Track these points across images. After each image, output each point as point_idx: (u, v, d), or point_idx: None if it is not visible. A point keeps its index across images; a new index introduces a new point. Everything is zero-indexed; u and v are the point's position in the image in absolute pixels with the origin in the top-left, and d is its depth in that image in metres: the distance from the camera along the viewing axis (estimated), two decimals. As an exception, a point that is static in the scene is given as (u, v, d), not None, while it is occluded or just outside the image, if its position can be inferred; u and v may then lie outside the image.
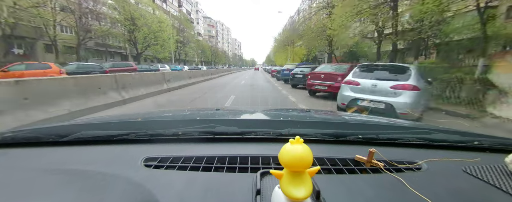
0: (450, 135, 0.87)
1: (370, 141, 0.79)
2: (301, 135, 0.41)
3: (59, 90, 4.44)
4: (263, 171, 0.52)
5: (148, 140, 0.78)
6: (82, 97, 4.89)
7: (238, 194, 0.48)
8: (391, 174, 0.58)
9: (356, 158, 0.65)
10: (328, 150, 0.73)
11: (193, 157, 0.65)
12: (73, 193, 0.47)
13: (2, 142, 0.76)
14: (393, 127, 1.02)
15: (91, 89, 5.23)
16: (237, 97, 7.47)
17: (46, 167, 0.61)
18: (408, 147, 0.77)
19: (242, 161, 0.64)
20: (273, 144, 0.76)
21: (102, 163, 0.63)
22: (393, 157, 0.66)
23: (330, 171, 0.60)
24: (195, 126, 0.83)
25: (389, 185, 0.54)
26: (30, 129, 0.82)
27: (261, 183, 0.48)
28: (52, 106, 4.13)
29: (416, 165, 0.64)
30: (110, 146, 0.75)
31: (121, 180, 0.53)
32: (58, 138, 0.76)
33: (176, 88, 9.68)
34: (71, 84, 4.74)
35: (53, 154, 0.70)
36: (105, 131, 0.81)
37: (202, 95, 8.17)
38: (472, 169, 0.61)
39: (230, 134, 0.80)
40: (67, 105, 4.41)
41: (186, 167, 0.60)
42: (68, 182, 0.52)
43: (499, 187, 0.52)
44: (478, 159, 0.68)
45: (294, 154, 0.36)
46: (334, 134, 0.81)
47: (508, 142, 0.80)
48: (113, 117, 1.15)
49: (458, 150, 0.76)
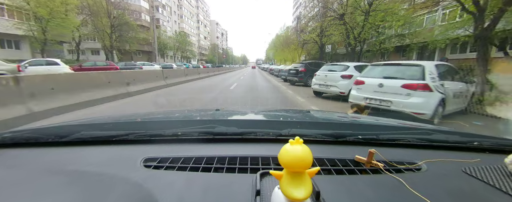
0: (450, 136, 0.87)
1: (370, 141, 0.79)
2: (301, 136, 0.41)
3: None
4: (262, 171, 0.52)
5: (148, 141, 0.78)
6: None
7: (238, 195, 0.48)
8: (391, 174, 0.58)
9: (356, 159, 0.65)
10: (328, 151, 0.73)
11: (193, 157, 0.65)
12: (73, 193, 0.47)
13: (1, 142, 0.75)
14: (393, 127, 1.02)
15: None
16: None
17: (46, 168, 0.61)
18: (408, 148, 0.77)
19: (241, 161, 0.64)
20: (272, 144, 0.76)
21: (101, 164, 0.63)
22: (393, 158, 0.66)
23: (330, 172, 0.60)
24: (195, 126, 0.83)
25: (389, 185, 0.54)
26: (29, 129, 0.82)
27: (260, 183, 0.48)
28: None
29: (416, 166, 0.64)
30: (110, 146, 0.75)
31: (121, 180, 0.53)
32: (58, 138, 0.76)
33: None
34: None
35: (52, 154, 0.70)
36: (105, 131, 0.81)
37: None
38: (472, 169, 0.61)
39: (230, 134, 0.80)
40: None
41: (185, 168, 0.60)
42: (68, 182, 0.52)
43: (499, 187, 0.52)
44: (478, 159, 0.68)
45: (294, 155, 0.36)
46: (333, 135, 0.81)
47: (508, 142, 0.80)
48: (113, 117, 1.15)
49: (458, 150, 0.77)
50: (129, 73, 8.08)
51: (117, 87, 6.91)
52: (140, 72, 9.91)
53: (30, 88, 4.33)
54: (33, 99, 4.31)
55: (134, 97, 7.05)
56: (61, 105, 4.79)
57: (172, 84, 10.72)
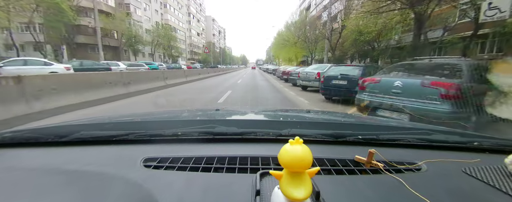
0: (450, 136, 0.87)
1: (370, 141, 0.79)
2: (300, 136, 0.41)
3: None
4: (262, 171, 0.52)
5: (148, 140, 0.78)
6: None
7: (238, 195, 0.48)
8: (390, 174, 0.58)
9: (355, 159, 0.65)
10: (327, 151, 0.73)
11: (193, 157, 0.65)
12: (72, 193, 0.47)
13: (1, 142, 0.75)
14: (393, 127, 1.02)
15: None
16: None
17: (46, 167, 0.61)
18: (408, 148, 0.77)
19: (241, 161, 0.64)
20: (272, 144, 0.76)
21: (101, 163, 0.63)
22: (393, 158, 0.66)
23: (330, 172, 0.60)
24: (195, 126, 0.83)
25: (388, 185, 0.54)
26: (29, 129, 0.82)
27: (260, 183, 0.48)
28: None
29: (416, 166, 0.64)
30: (110, 146, 0.75)
31: (121, 180, 0.53)
32: (58, 138, 0.76)
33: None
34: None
35: (52, 154, 0.70)
36: (105, 131, 0.81)
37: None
38: (471, 170, 0.61)
39: (230, 134, 0.80)
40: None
41: (185, 168, 0.60)
42: (68, 182, 0.52)
43: (499, 188, 0.52)
44: (478, 159, 0.68)
45: (294, 155, 0.36)
46: (333, 135, 0.81)
47: (508, 143, 0.80)
48: (113, 117, 1.15)
49: (458, 150, 0.76)
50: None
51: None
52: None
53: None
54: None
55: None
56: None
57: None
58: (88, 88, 6.05)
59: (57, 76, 5.73)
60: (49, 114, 4.46)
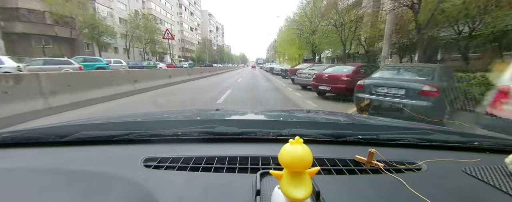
0: (450, 136, 0.87)
1: (370, 141, 0.79)
2: (301, 135, 0.41)
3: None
4: (263, 171, 0.52)
5: (148, 140, 0.78)
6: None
7: (238, 195, 0.48)
8: (391, 174, 0.58)
9: (356, 159, 0.65)
10: (328, 151, 0.73)
11: (193, 157, 0.65)
12: (73, 193, 0.47)
13: (1, 142, 0.75)
14: (393, 127, 1.02)
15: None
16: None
17: (46, 167, 0.61)
18: (408, 148, 0.77)
19: (242, 161, 0.64)
20: (273, 144, 0.76)
21: (101, 163, 0.63)
22: (393, 158, 0.66)
23: (330, 172, 0.60)
24: (195, 126, 0.83)
25: (389, 185, 0.54)
26: (29, 129, 0.82)
27: (261, 183, 0.48)
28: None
29: (416, 166, 0.64)
30: (110, 146, 0.75)
31: (121, 180, 0.53)
32: (58, 138, 0.76)
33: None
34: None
35: (52, 154, 0.70)
36: (105, 131, 0.81)
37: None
38: (472, 169, 0.61)
39: (230, 134, 0.80)
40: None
41: (185, 168, 0.60)
42: (68, 182, 0.52)
43: (499, 187, 0.52)
44: (478, 159, 0.68)
45: (294, 155, 0.36)
46: (334, 134, 0.81)
47: (508, 142, 0.80)
48: (113, 117, 1.15)
49: (458, 150, 0.77)
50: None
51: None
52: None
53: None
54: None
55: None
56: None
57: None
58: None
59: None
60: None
